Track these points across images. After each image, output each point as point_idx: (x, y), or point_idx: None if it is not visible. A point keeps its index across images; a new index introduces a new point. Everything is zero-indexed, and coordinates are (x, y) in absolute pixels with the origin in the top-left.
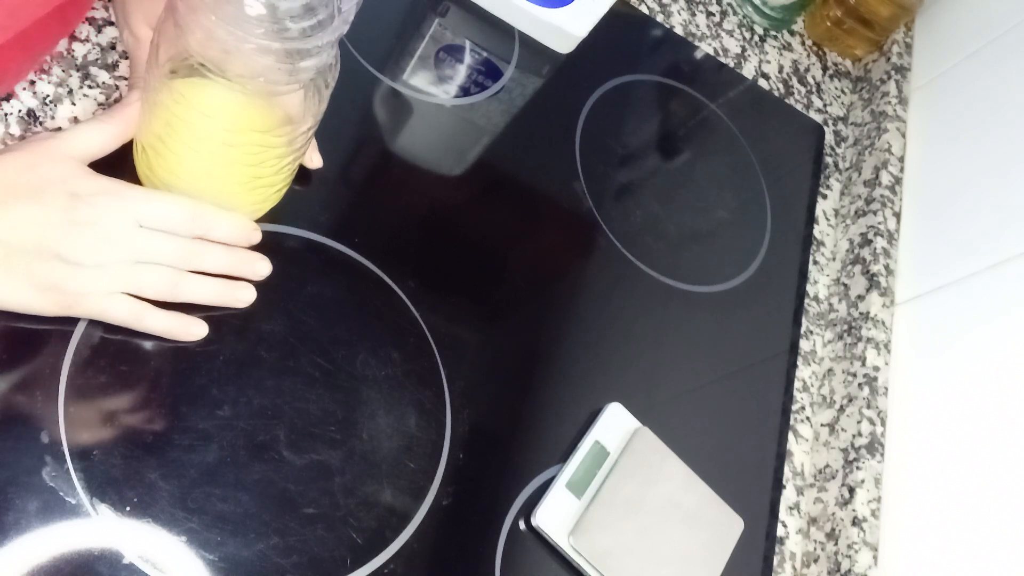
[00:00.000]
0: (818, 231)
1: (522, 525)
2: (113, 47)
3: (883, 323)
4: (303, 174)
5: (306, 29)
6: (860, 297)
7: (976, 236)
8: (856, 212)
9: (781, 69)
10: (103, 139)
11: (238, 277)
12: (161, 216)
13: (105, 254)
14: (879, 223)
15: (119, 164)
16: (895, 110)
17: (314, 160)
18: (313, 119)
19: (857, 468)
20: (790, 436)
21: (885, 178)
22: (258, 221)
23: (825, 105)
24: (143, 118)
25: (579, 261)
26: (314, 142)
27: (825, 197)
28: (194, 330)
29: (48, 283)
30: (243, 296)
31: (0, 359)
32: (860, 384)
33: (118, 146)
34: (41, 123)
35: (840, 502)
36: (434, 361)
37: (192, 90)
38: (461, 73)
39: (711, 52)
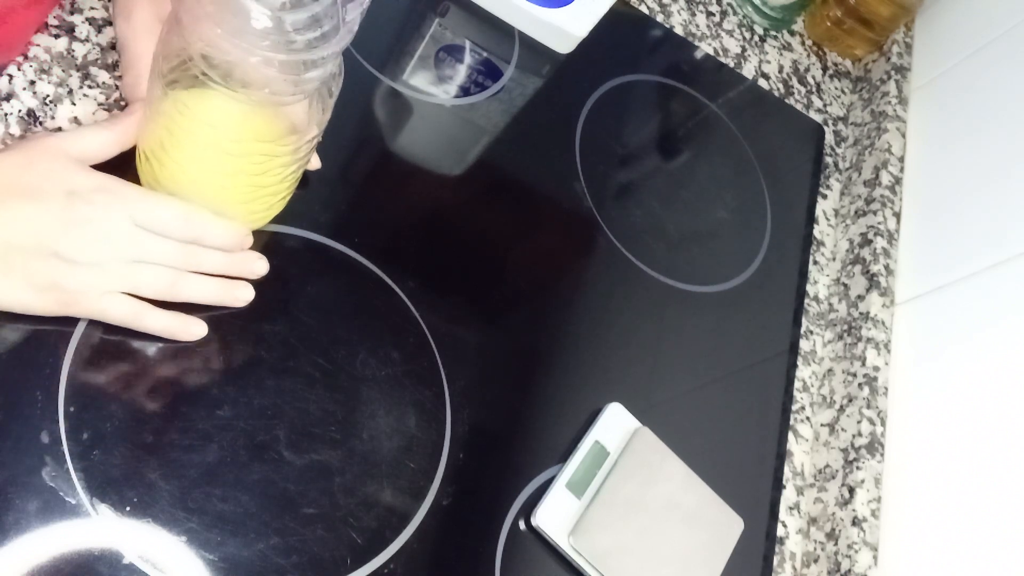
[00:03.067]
0: (818, 231)
1: (522, 525)
2: (113, 47)
3: (883, 323)
4: (303, 175)
5: (312, 40)
6: (860, 297)
7: (976, 236)
8: (856, 212)
9: (781, 69)
10: (101, 143)
11: (236, 276)
12: (154, 218)
13: (103, 253)
14: (879, 223)
15: (122, 170)
16: (895, 110)
17: (312, 162)
18: (317, 128)
19: (857, 468)
20: (790, 436)
21: (885, 178)
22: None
23: (825, 105)
24: (146, 126)
25: (579, 261)
26: None
27: (825, 197)
28: (193, 329)
29: (46, 282)
30: (242, 295)
31: (0, 359)
32: (860, 384)
33: (116, 153)
34: (41, 123)
35: (840, 502)
36: (434, 361)
37: (195, 100)
38: (461, 73)
39: (711, 52)
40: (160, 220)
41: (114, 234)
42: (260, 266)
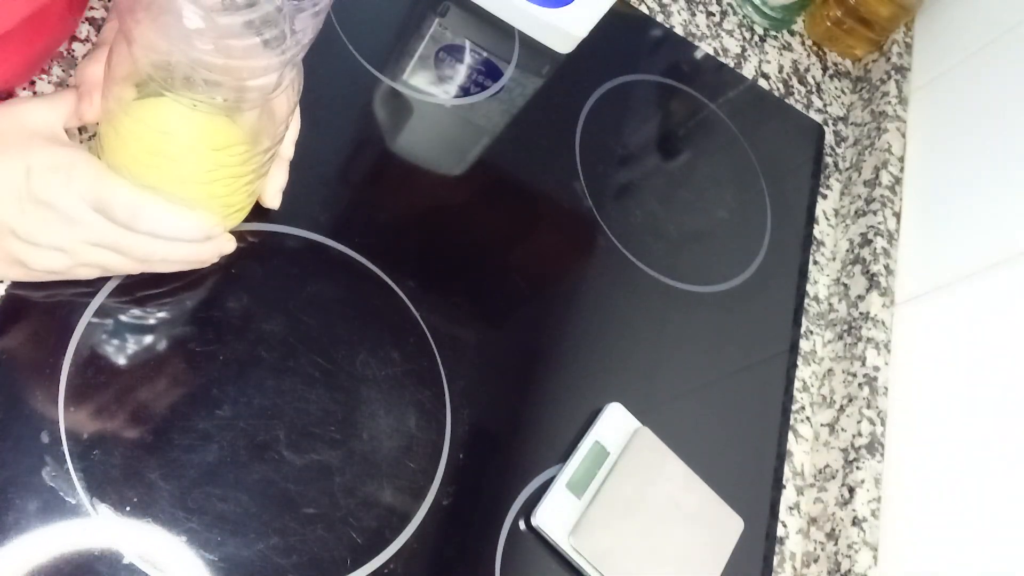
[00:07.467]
0: (818, 231)
1: (522, 525)
2: None
3: (883, 323)
4: (302, 174)
5: (249, 48)
6: (860, 297)
7: (976, 236)
8: (856, 212)
9: (781, 69)
10: (60, 117)
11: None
12: (105, 209)
13: (62, 237)
14: (879, 223)
15: None
16: (895, 110)
17: (271, 200)
18: (269, 141)
19: (857, 468)
20: (790, 436)
21: (885, 178)
22: (257, 220)
23: (825, 105)
24: (100, 127)
25: (579, 261)
26: (281, 180)
27: (825, 197)
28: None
29: (10, 258)
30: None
31: (0, 359)
32: (860, 384)
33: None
34: None
35: (840, 502)
36: (434, 361)
37: (144, 105)
38: (461, 73)
39: (711, 52)
40: (110, 212)
41: (70, 220)
42: (227, 247)
